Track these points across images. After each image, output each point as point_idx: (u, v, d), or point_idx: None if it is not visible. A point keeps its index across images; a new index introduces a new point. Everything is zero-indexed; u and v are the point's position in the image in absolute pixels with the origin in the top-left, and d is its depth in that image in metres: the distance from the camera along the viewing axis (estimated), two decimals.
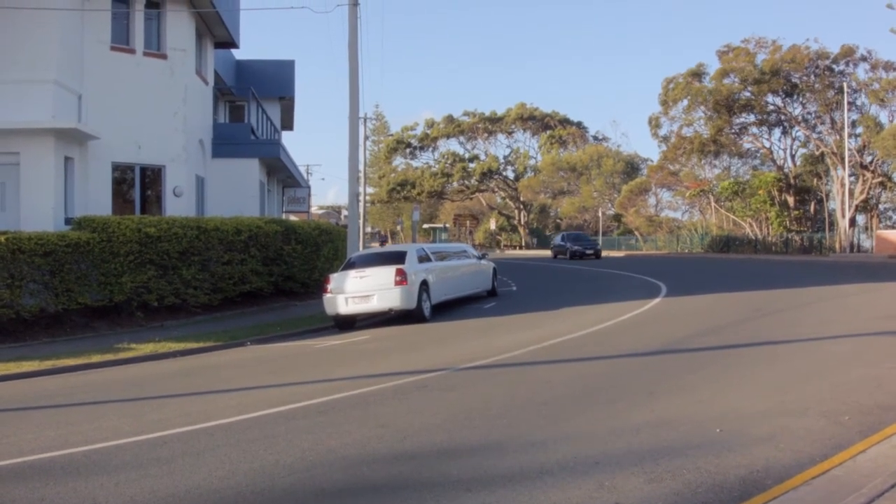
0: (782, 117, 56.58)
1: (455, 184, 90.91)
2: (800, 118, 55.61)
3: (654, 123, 63.12)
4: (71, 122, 19.48)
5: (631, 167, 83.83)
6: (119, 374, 13.40)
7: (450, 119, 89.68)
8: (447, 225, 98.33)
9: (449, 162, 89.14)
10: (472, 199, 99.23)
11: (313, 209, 73.49)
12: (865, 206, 53.76)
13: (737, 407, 8.04)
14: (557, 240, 55.17)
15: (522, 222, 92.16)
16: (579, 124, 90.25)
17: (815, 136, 55.16)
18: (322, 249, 25.35)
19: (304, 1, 52.64)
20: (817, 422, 7.31)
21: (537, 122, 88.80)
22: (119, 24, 21.76)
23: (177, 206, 22.32)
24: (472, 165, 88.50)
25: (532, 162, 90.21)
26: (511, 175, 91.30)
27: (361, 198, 59.66)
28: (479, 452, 6.95)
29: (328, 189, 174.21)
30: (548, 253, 72.96)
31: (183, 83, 23.08)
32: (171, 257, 19.26)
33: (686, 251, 62.01)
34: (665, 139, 63.72)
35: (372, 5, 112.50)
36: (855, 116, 51.89)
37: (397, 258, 18.69)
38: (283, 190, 39.43)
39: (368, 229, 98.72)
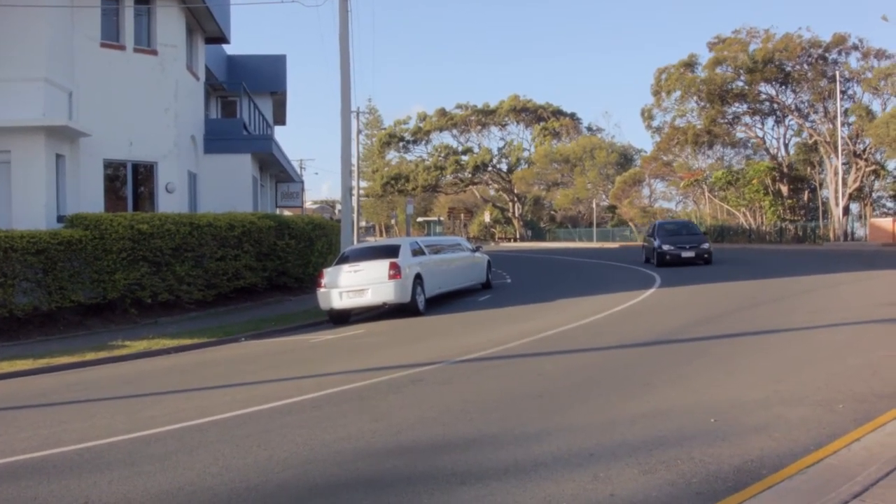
0: (775, 106, 56.64)
1: (449, 177, 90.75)
2: (793, 107, 55.65)
3: (647, 115, 63.19)
4: (62, 120, 19.40)
5: (624, 158, 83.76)
6: (113, 371, 13.37)
7: (442, 112, 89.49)
8: (441, 218, 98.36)
9: (442, 155, 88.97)
10: (466, 192, 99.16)
11: (307, 204, 73.39)
12: (859, 195, 53.90)
13: (731, 397, 8.04)
14: (649, 233, 34.22)
15: (517, 214, 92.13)
16: (572, 116, 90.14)
17: (808, 124, 55.24)
18: (316, 244, 25.31)
19: None
20: (812, 410, 7.31)
21: (530, 113, 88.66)
22: (109, 21, 21.66)
23: (169, 202, 22.26)
24: (465, 158, 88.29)
25: (525, 154, 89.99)
26: (505, 167, 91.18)
27: (355, 192, 59.58)
28: (474, 445, 6.93)
29: (322, 183, 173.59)
30: (544, 245, 72.93)
31: (174, 79, 22.99)
32: (165, 254, 19.21)
33: None
34: (658, 130, 63.80)
35: None
36: (847, 105, 51.95)
37: (391, 252, 18.65)
38: (276, 185, 39.32)
39: (363, 223, 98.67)
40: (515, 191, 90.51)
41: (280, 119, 43.89)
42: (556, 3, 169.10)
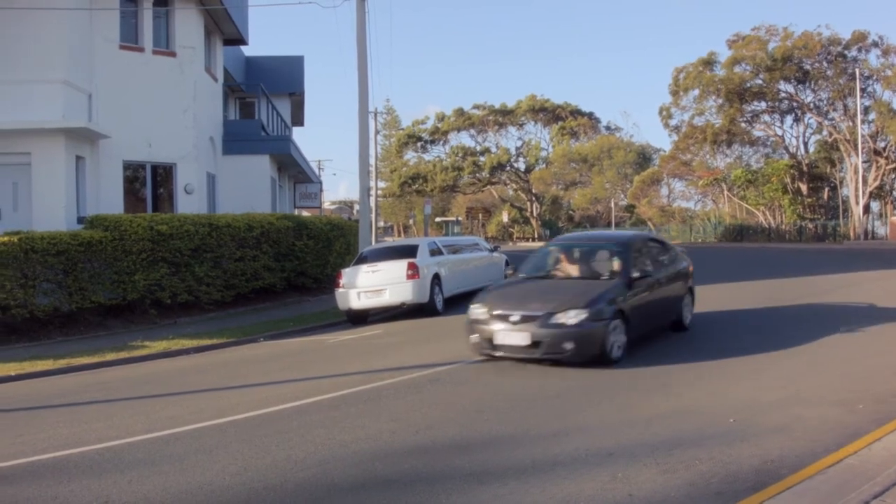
0: (794, 104, 56.29)
1: (467, 177, 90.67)
2: (812, 105, 55.27)
3: (666, 113, 62.90)
4: (81, 122, 19.52)
5: (643, 157, 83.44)
6: (133, 371, 13.44)
7: (460, 112, 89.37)
8: (460, 218, 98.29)
9: (460, 155, 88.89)
10: (484, 192, 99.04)
11: (325, 204, 73.52)
12: (879, 193, 53.51)
13: (750, 397, 8.00)
14: None
15: (535, 214, 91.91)
16: (590, 115, 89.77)
17: (827, 122, 54.83)
18: (334, 244, 25.35)
19: None
20: (831, 411, 7.26)
21: (548, 113, 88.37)
22: (127, 23, 21.79)
23: (188, 203, 22.36)
24: (483, 158, 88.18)
25: (543, 153, 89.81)
26: (522, 167, 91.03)
27: (373, 192, 59.62)
28: (492, 445, 6.93)
29: (340, 184, 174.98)
30: None
31: (192, 80, 23.09)
32: (184, 255, 19.29)
33: (699, 241, 61.76)
34: (676, 129, 63.53)
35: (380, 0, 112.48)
36: (867, 103, 51.58)
37: (409, 252, 18.64)
38: (294, 185, 39.46)
39: (381, 224, 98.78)
40: (533, 190, 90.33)
41: (298, 120, 44.05)
42: (573, 2, 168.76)
